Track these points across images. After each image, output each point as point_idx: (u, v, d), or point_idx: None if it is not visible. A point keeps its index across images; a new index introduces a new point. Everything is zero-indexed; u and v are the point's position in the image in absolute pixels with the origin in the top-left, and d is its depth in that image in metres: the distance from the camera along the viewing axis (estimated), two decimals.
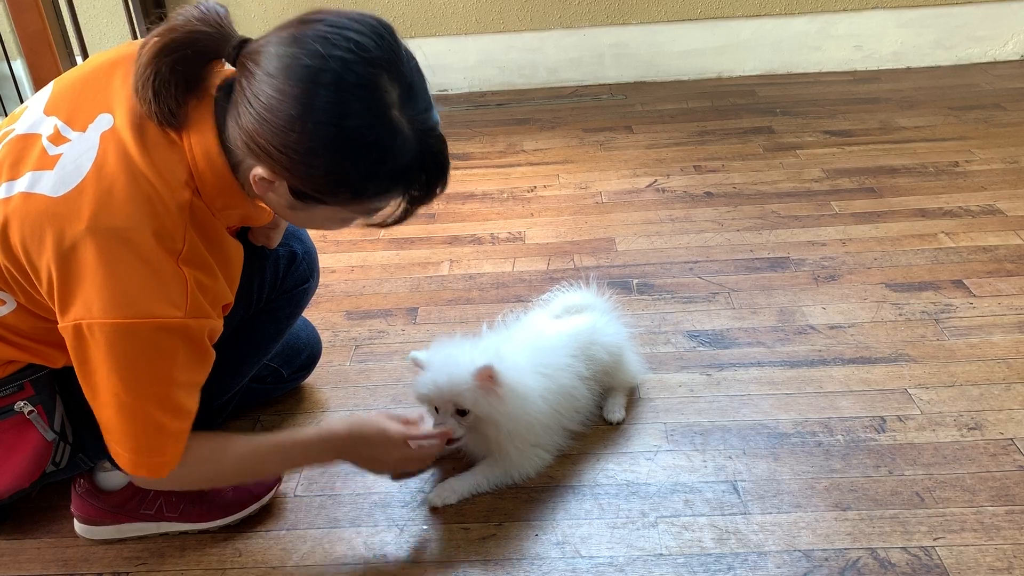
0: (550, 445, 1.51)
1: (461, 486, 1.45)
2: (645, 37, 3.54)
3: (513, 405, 1.39)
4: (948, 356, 1.73)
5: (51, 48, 2.56)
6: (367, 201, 1.06)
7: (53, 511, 1.47)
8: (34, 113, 1.11)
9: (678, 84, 3.57)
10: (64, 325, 1.05)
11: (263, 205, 1.15)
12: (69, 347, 1.06)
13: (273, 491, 1.45)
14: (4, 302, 1.10)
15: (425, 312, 2.02)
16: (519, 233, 2.37)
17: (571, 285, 1.74)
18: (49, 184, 1.03)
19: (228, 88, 1.04)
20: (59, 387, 1.18)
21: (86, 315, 1.02)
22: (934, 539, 1.31)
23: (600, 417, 1.62)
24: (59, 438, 1.18)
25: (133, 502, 1.37)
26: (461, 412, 1.38)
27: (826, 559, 1.29)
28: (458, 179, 2.77)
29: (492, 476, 1.47)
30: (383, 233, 2.41)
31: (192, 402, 1.13)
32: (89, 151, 1.04)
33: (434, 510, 1.43)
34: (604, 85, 3.62)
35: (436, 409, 1.41)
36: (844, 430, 1.55)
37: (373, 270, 2.22)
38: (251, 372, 1.45)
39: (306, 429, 1.33)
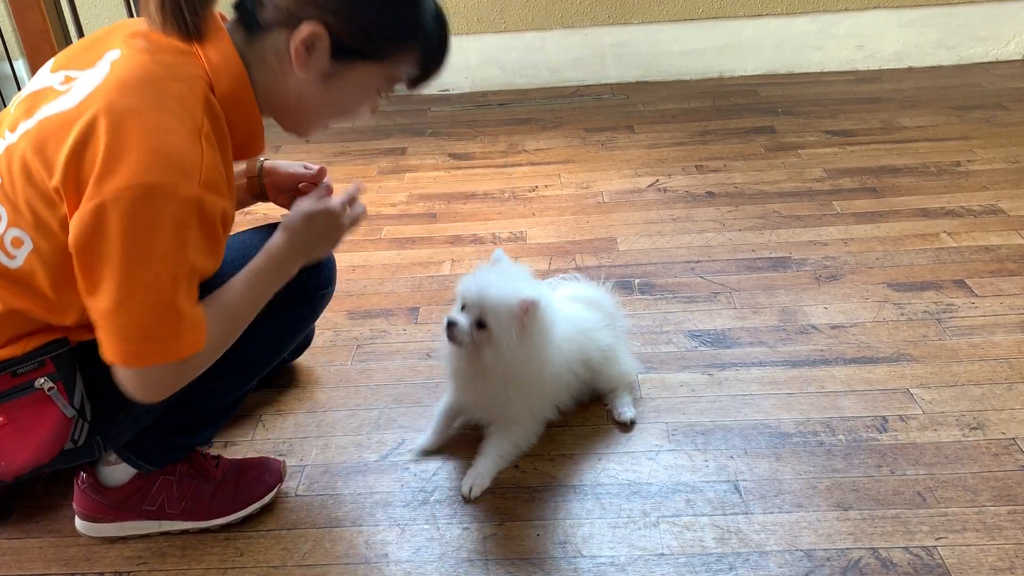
0: (541, 415, 1.55)
1: (485, 468, 1.48)
2: (646, 37, 3.54)
3: (532, 352, 1.42)
4: (950, 356, 1.73)
5: (53, 48, 2.56)
6: (395, 55, 1.17)
7: (54, 510, 1.47)
8: (41, 77, 1.16)
9: (679, 84, 3.57)
10: (79, 217, 1.02)
11: (257, 132, 1.20)
12: (74, 237, 1.03)
13: (275, 490, 1.45)
14: (22, 242, 1.09)
15: (427, 312, 2.02)
16: (520, 233, 2.37)
17: (579, 277, 1.73)
18: (64, 103, 1.07)
19: (241, 2, 1.15)
20: (80, 365, 1.18)
21: (98, 195, 1.01)
22: (936, 539, 1.31)
23: (596, 417, 1.62)
24: (78, 415, 1.18)
25: (135, 497, 1.37)
26: (480, 324, 1.39)
27: (828, 559, 1.29)
28: (459, 179, 2.77)
29: (502, 450, 1.50)
30: (385, 232, 2.41)
31: (196, 295, 1.12)
32: (101, 72, 1.08)
33: (435, 511, 1.43)
34: (605, 85, 3.62)
35: (463, 308, 1.42)
36: (846, 430, 1.55)
37: (374, 270, 2.22)
38: (263, 371, 1.45)
39: (257, 260, 1.25)
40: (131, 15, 3.32)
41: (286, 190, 1.45)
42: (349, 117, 1.25)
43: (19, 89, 2.88)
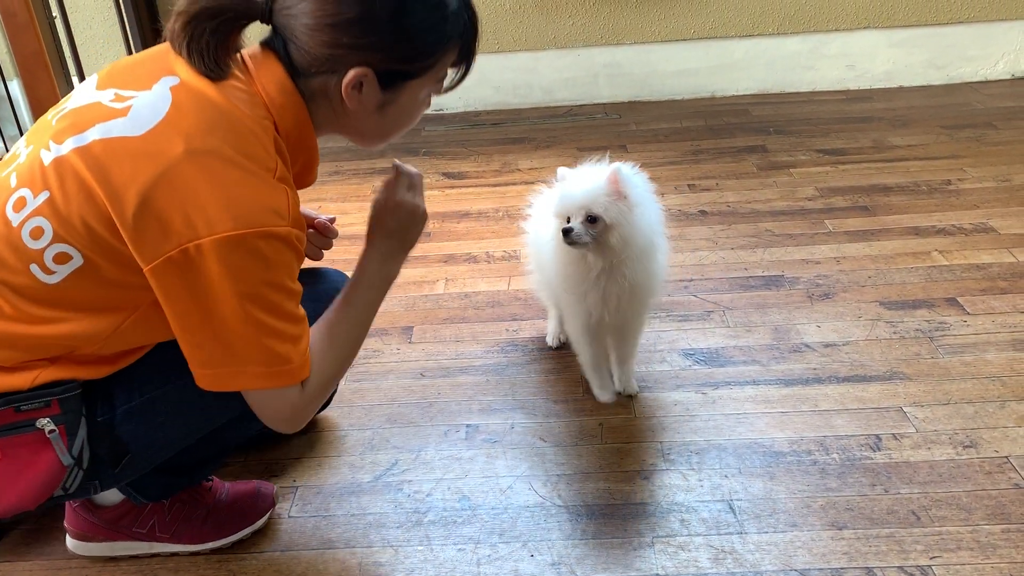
0: (654, 299, 1.66)
1: (628, 372, 1.72)
2: (639, 57, 3.57)
3: (638, 216, 1.50)
4: (943, 374, 1.73)
5: (47, 69, 2.57)
6: (439, 60, 1.16)
7: (45, 532, 1.46)
8: (85, 92, 1.12)
9: (672, 103, 3.59)
10: (166, 256, 1.01)
11: (313, 163, 1.20)
12: (167, 282, 1.03)
13: (266, 516, 1.44)
14: (70, 257, 1.05)
15: (420, 331, 2.02)
16: (514, 252, 2.37)
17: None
18: (126, 127, 1.03)
19: (271, 43, 1.12)
20: (90, 410, 1.15)
21: (192, 236, 1.00)
22: (930, 558, 1.31)
23: (589, 436, 1.62)
24: (75, 464, 1.14)
25: (127, 519, 1.36)
26: (591, 219, 1.48)
27: None
28: (453, 198, 2.78)
29: (626, 353, 1.71)
30: None
31: (300, 310, 1.12)
32: (162, 98, 1.05)
33: (428, 532, 1.43)
34: (598, 104, 3.64)
35: (568, 220, 1.50)
36: (839, 448, 1.55)
37: None
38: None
39: (365, 295, 1.26)
40: (126, 37, 3.33)
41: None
42: (412, 125, 1.27)
43: (13, 109, 2.89)
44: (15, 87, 3.13)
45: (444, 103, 3.66)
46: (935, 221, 2.38)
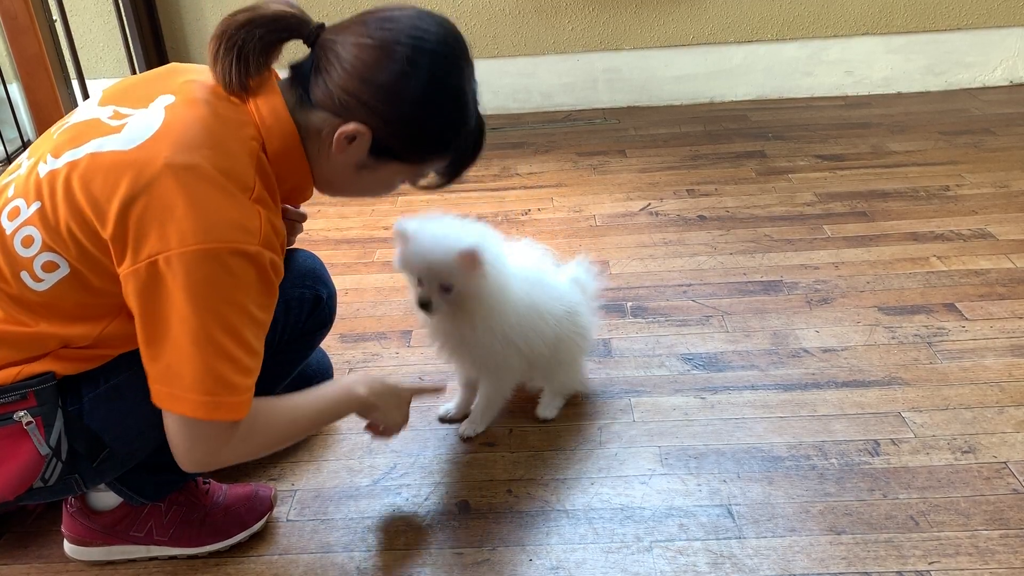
0: (517, 358, 1.57)
1: (477, 415, 1.64)
2: (638, 62, 3.57)
3: (494, 286, 1.46)
4: (941, 379, 1.73)
5: (47, 72, 2.57)
6: (431, 157, 1.22)
7: (42, 536, 1.46)
8: (88, 108, 1.17)
9: (671, 109, 3.60)
10: (135, 267, 1.04)
11: (306, 184, 1.23)
12: (135, 292, 1.06)
13: (264, 519, 1.44)
14: (57, 266, 1.09)
15: (419, 335, 2.02)
16: None
17: (590, 266, 1.76)
18: (118, 142, 1.08)
19: (299, 67, 1.17)
20: (63, 402, 1.16)
21: (163, 248, 1.03)
22: (929, 563, 1.31)
23: (588, 441, 1.62)
24: (53, 454, 1.16)
25: (124, 523, 1.36)
26: (446, 288, 1.44)
27: None
28: (452, 202, 2.78)
29: (487, 396, 1.63)
30: (378, 255, 2.41)
31: (259, 345, 1.13)
32: (156, 117, 1.10)
33: (430, 529, 1.42)
34: (597, 109, 3.64)
35: (420, 281, 1.46)
36: (838, 453, 1.55)
37: (367, 292, 2.22)
38: None
39: (330, 390, 1.33)
40: (126, 39, 3.34)
41: None
42: (375, 198, 1.30)
43: (13, 112, 2.89)
44: (15, 90, 3.14)
45: None
46: (933, 227, 2.39)
